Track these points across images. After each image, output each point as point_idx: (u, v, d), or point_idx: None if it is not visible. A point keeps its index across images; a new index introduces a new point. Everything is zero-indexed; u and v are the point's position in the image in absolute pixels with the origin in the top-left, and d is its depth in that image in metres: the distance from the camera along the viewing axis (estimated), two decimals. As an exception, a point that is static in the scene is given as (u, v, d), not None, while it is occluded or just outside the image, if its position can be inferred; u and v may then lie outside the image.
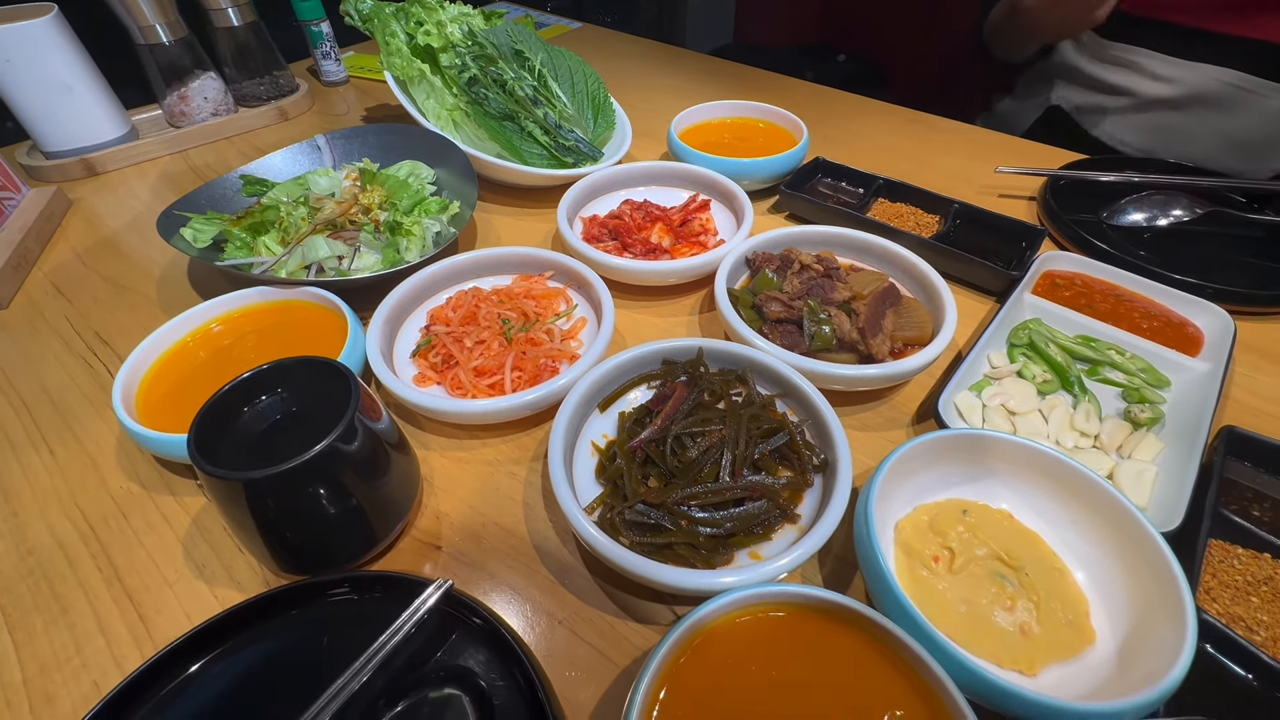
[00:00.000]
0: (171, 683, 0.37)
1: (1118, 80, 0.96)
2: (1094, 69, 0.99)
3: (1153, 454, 0.50)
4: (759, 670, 0.34)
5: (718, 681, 0.34)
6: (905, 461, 0.44)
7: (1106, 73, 0.97)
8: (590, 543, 0.40)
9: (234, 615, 0.39)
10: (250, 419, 0.42)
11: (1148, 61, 0.92)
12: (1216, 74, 0.87)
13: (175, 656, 0.38)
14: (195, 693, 0.37)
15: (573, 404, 0.49)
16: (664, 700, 0.33)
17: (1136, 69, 0.93)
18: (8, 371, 0.61)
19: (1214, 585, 0.41)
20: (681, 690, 0.33)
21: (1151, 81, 0.92)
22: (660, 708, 0.33)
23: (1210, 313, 0.60)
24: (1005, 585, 0.40)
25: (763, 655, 0.35)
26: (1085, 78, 1.00)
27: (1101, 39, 0.96)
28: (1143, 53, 0.92)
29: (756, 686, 0.34)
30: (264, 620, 0.40)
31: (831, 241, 0.67)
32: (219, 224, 0.66)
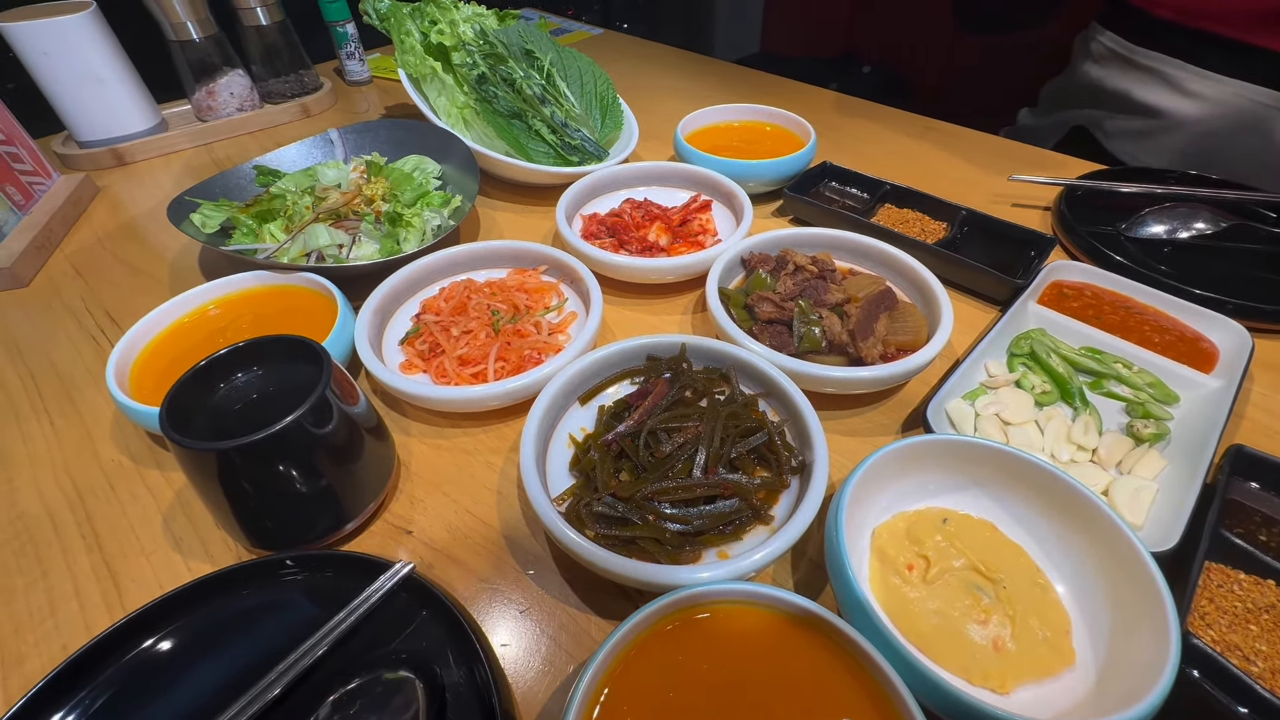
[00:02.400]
0: (135, 649, 0.38)
1: (1146, 96, 0.90)
2: (1122, 82, 0.93)
3: (1154, 471, 0.47)
4: (710, 670, 0.33)
5: (666, 680, 0.33)
6: (884, 465, 0.42)
7: (1135, 86, 0.92)
8: (553, 531, 0.40)
9: (200, 586, 0.39)
10: (226, 395, 0.43)
11: (1180, 74, 0.87)
12: (1251, 92, 0.83)
13: (140, 624, 0.38)
14: (157, 660, 0.38)
15: (551, 394, 0.49)
16: (607, 697, 0.32)
17: (1168, 82, 0.88)
18: (20, 345, 0.63)
19: (1210, 611, 0.39)
20: (628, 686, 0.33)
21: (1182, 98, 0.87)
22: (603, 705, 0.32)
23: (1227, 328, 0.57)
24: (981, 598, 0.39)
25: (716, 655, 0.34)
26: (1111, 95, 0.95)
27: (1132, 45, 0.92)
28: (1175, 63, 0.87)
29: (705, 686, 0.33)
30: (230, 593, 0.40)
31: (829, 244, 0.66)
32: (227, 210, 0.68)
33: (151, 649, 0.38)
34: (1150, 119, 0.91)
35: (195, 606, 0.39)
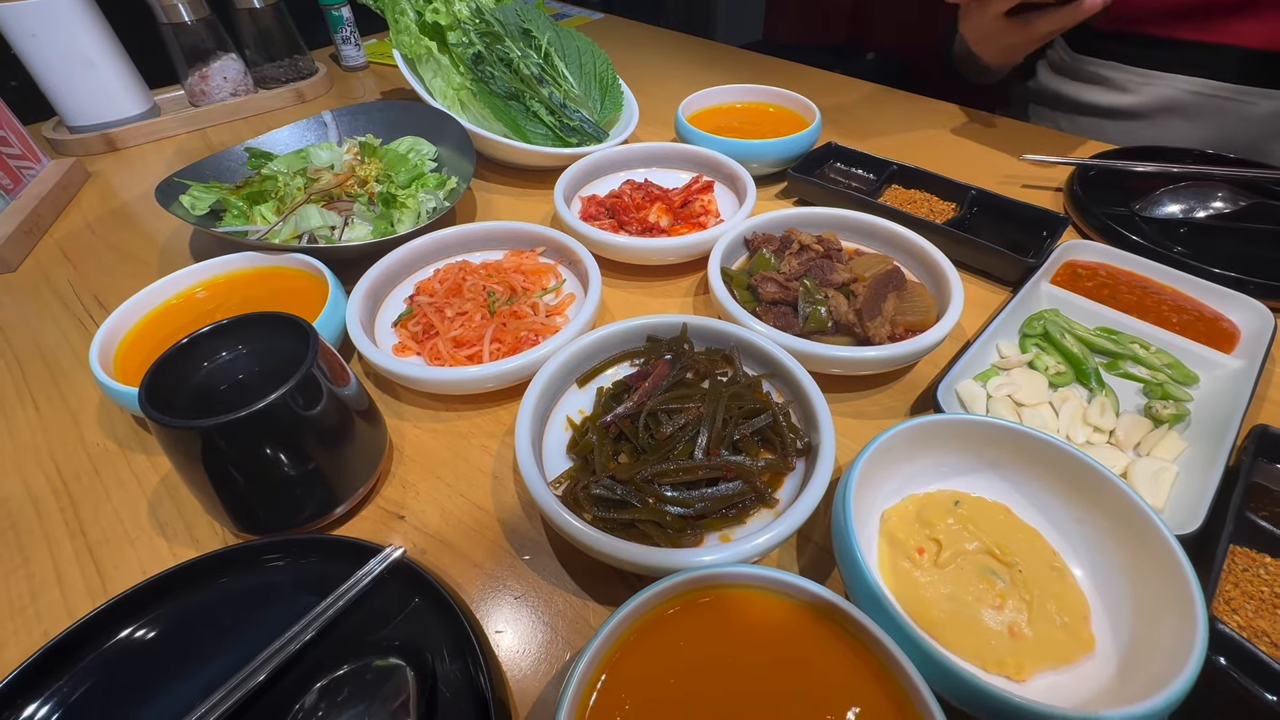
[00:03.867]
0: (116, 636, 0.37)
1: (1093, 98, 0.95)
2: (1069, 89, 0.98)
3: (1174, 453, 0.46)
4: (712, 657, 0.32)
5: (666, 666, 0.31)
6: (893, 446, 0.41)
7: (1083, 90, 0.96)
8: (549, 514, 0.38)
9: (184, 571, 0.38)
10: (210, 374, 0.41)
11: (1118, 75, 0.91)
12: (1184, 83, 0.87)
13: (122, 610, 0.37)
14: (139, 647, 0.36)
15: (547, 375, 0.47)
16: (605, 683, 0.30)
17: (1108, 84, 0.93)
18: (6, 330, 0.62)
19: (1235, 596, 0.37)
20: (626, 672, 0.31)
21: (1123, 95, 0.91)
22: (600, 691, 0.30)
23: (1248, 308, 0.55)
24: (995, 582, 0.37)
25: (718, 641, 0.32)
26: (1065, 99, 0.99)
27: (1075, 54, 0.96)
28: (1113, 66, 0.91)
29: (707, 673, 0.31)
30: (215, 579, 0.39)
31: (835, 224, 0.64)
32: (217, 192, 0.67)
33: (134, 635, 0.36)
34: (1101, 118, 0.96)
35: (179, 592, 0.38)
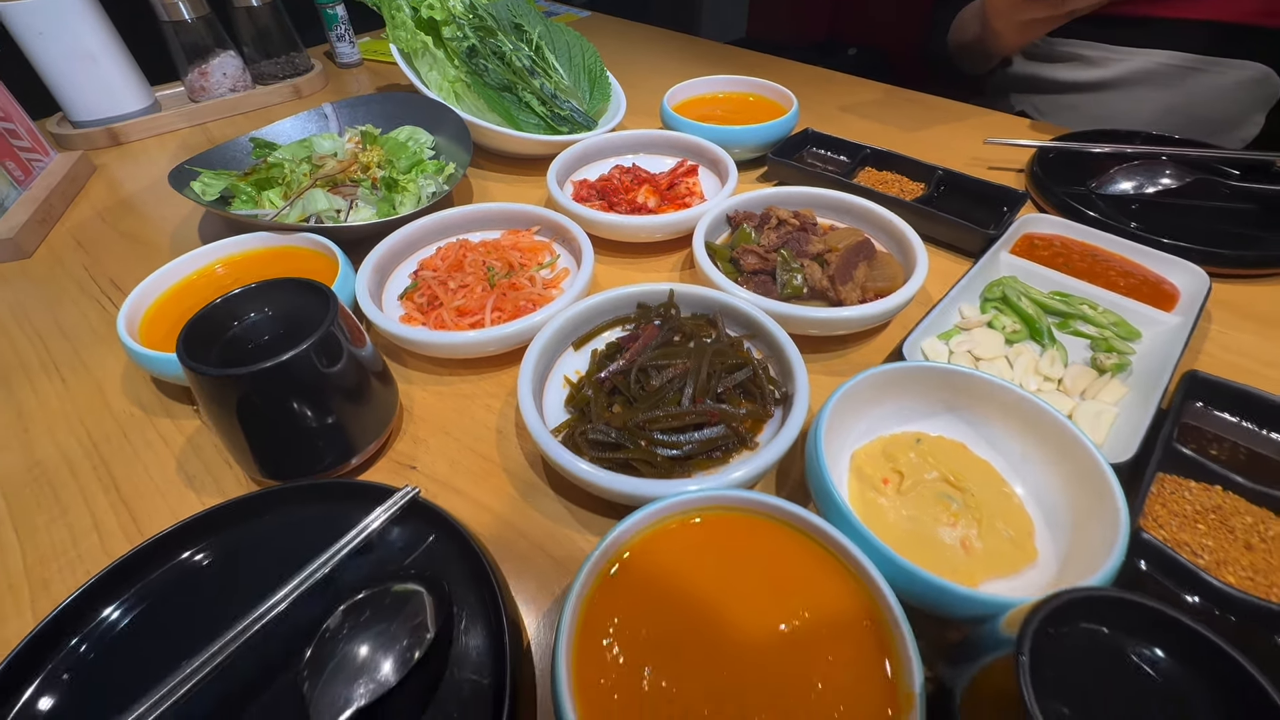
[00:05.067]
0: (155, 571, 0.40)
1: (1066, 75, 1.01)
2: (1045, 70, 1.04)
3: (1115, 398, 0.50)
4: (701, 569, 0.36)
5: (659, 577, 0.35)
6: (861, 391, 0.45)
7: (1058, 71, 1.02)
8: (549, 453, 0.42)
9: (215, 514, 0.42)
10: (239, 333, 0.45)
11: (1091, 52, 0.97)
12: (1155, 56, 0.93)
13: (159, 548, 0.40)
14: (177, 580, 0.40)
15: (545, 337, 0.51)
16: (601, 593, 0.34)
17: (1082, 60, 0.99)
18: (28, 310, 0.65)
19: (1162, 514, 0.42)
20: (623, 583, 0.35)
21: (1095, 69, 0.98)
22: (597, 600, 0.34)
23: (1188, 271, 0.60)
24: (950, 504, 0.41)
25: (706, 555, 0.36)
26: (1041, 81, 1.06)
27: (1049, 36, 1.01)
28: (1087, 44, 0.97)
29: (697, 583, 0.35)
30: (244, 520, 0.43)
31: (812, 201, 0.69)
32: (226, 179, 0.70)
33: (178, 566, 0.40)
34: (1076, 93, 1.02)
35: (216, 530, 0.42)
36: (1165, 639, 0.26)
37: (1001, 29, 0.96)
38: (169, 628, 0.38)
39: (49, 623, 0.36)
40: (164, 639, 0.38)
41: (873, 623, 0.33)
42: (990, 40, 1.00)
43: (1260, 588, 0.38)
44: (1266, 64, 0.92)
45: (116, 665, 0.36)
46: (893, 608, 0.32)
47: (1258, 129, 0.99)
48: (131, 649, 0.37)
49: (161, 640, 0.37)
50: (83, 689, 0.35)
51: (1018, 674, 0.24)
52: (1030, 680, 0.24)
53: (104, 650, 0.37)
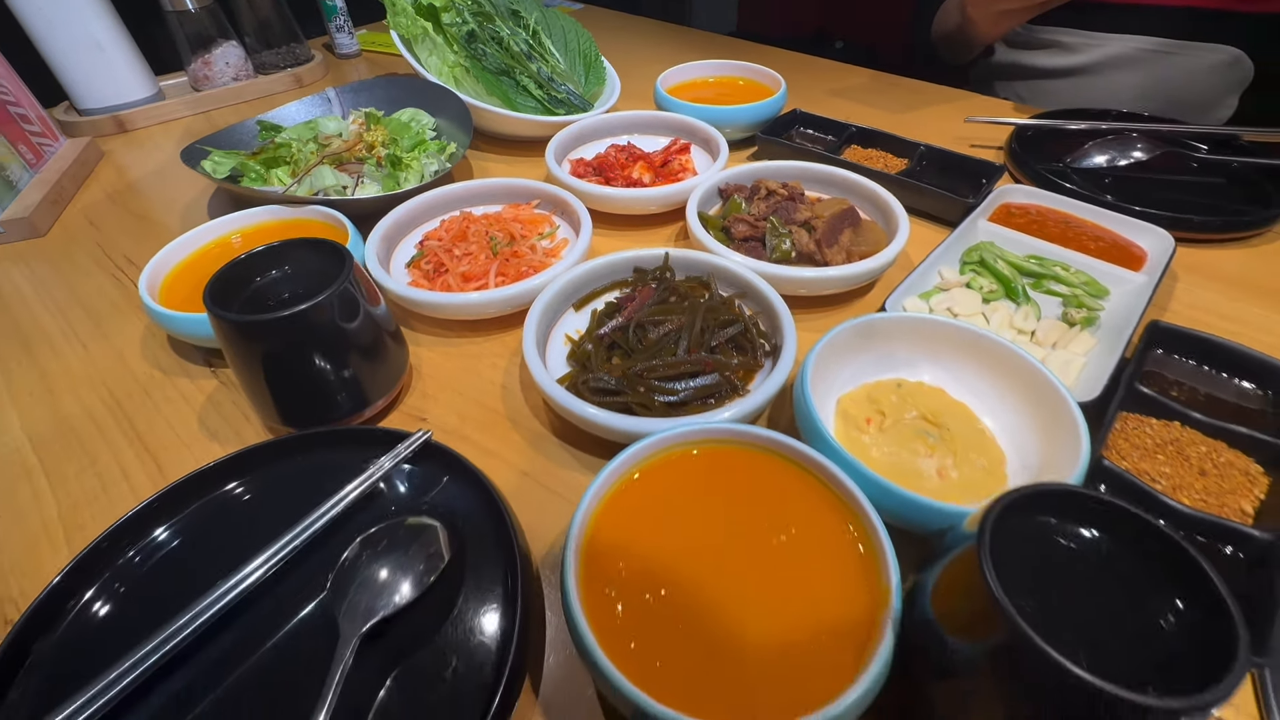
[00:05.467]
0: (191, 505, 0.43)
1: (1046, 62, 1.05)
2: (1026, 58, 1.08)
3: (1084, 348, 0.54)
4: (697, 495, 0.39)
5: (659, 501, 0.38)
6: (847, 340, 0.48)
7: (1035, 58, 1.06)
8: (552, 396, 0.45)
9: (243, 456, 0.44)
10: (260, 288, 0.48)
11: (1070, 39, 1.01)
12: (1131, 41, 0.97)
13: (196, 483, 0.43)
14: (211, 514, 0.43)
15: (547, 298, 0.54)
16: (605, 515, 0.37)
17: (1061, 47, 1.03)
18: (46, 285, 0.68)
19: (1124, 447, 0.45)
20: (625, 506, 0.38)
21: (1075, 55, 1.02)
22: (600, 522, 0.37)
23: (1155, 235, 0.64)
24: (928, 438, 0.45)
25: (702, 482, 0.39)
26: (1023, 69, 1.09)
27: (1029, 25, 1.05)
28: (1066, 31, 1.01)
29: (694, 506, 0.38)
30: (269, 462, 0.45)
31: (799, 174, 0.72)
32: (236, 158, 0.72)
33: (206, 504, 0.43)
34: (1057, 78, 1.06)
35: (241, 472, 0.44)
36: (1101, 522, 0.30)
37: (979, 18, 0.99)
38: (204, 556, 0.40)
39: (98, 544, 0.39)
40: (201, 565, 0.40)
41: (855, 532, 0.36)
42: (969, 29, 1.04)
43: (1213, 507, 0.41)
44: (1238, 47, 0.95)
45: (162, 583, 0.39)
46: (871, 517, 0.35)
47: (1231, 110, 1.03)
48: (173, 571, 0.40)
49: (199, 566, 0.40)
50: (130, 604, 0.38)
51: (978, 553, 0.27)
52: (989, 556, 0.27)
53: (149, 571, 0.40)
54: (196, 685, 0.34)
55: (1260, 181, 0.74)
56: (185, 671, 0.35)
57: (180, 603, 0.35)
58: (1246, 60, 0.96)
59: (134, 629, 0.34)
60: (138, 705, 0.33)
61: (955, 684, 0.30)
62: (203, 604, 0.36)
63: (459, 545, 0.41)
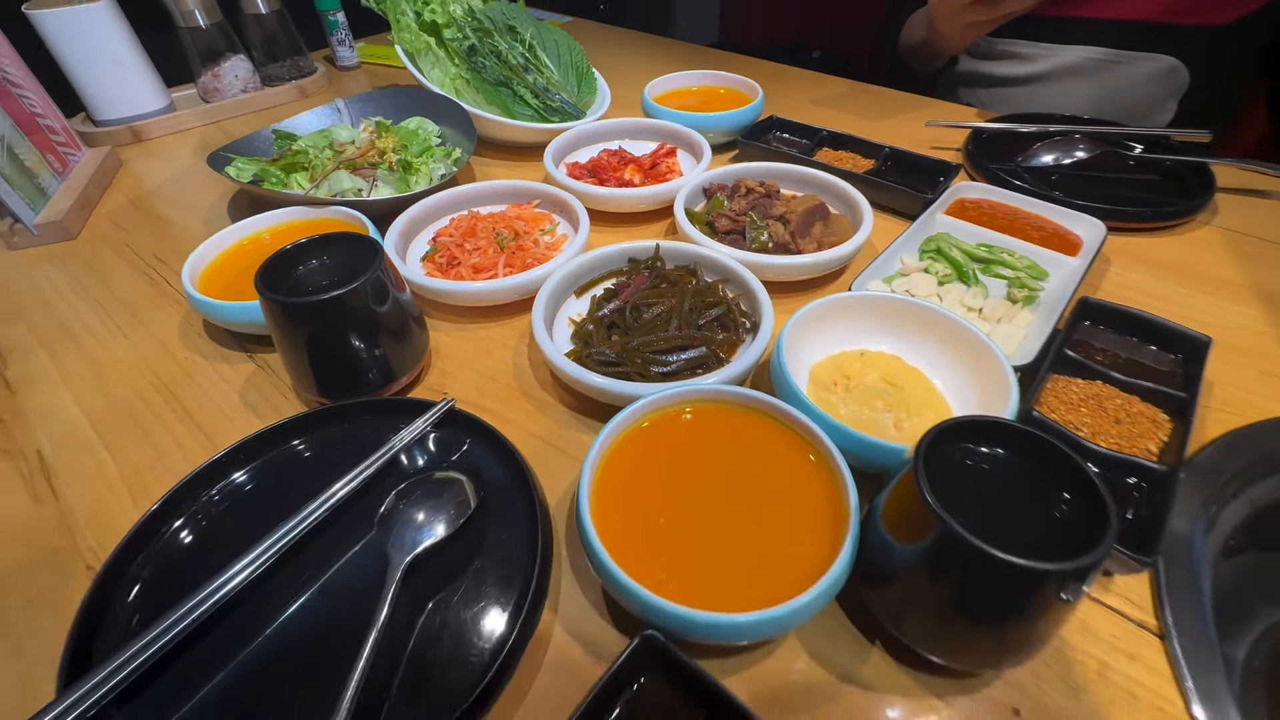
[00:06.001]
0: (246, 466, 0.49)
1: (1005, 71, 1.14)
2: (986, 67, 1.17)
3: (1025, 323, 0.61)
4: (688, 444, 0.45)
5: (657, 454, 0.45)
6: (817, 316, 0.55)
7: (996, 67, 1.15)
8: (559, 366, 0.52)
9: (280, 428, 0.50)
10: (300, 277, 0.54)
11: (1026, 49, 1.10)
12: (1080, 51, 1.06)
13: (249, 446, 0.49)
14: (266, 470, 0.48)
15: (553, 283, 0.60)
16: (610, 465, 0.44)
17: (1018, 57, 1.12)
18: (83, 281, 0.73)
19: (1053, 402, 0.53)
20: (628, 457, 0.44)
21: (1029, 64, 1.11)
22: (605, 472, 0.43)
23: (1090, 224, 0.72)
24: (886, 397, 0.52)
25: (695, 437, 0.46)
26: (983, 77, 1.18)
27: (990, 37, 1.14)
28: (1022, 43, 1.10)
29: (685, 452, 0.45)
30: (305, 432, 0.51)
31: (775, 174, 0.79)
32: (257, 164, 0.78)
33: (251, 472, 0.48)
34: (1014, 86, 1.14)
35: (279, 443, 0.50)
36: (1009, 443, 0.37)
37: (945, 31, 1.08)
38: (270, 499, 0.46)
39: (179, 487, 0.45)
40: (268, 506, 0.45)
41: (822, 470, 0.43)
42: (935, 42, 1.12)
43: (1125, 448, 0.49)
44: (1175, 57, 1.05)
45: (237, 519, 0.45)
46: (835, 457, 0.42)
47: (1171, 114, 1.12)
48: (244, 510, 0.46)
49: (266, 506, 0.45)
50: (209, 539, 0.44)
51: (915, 469, 0.34)
52: (923, 471, 0.34)
53: (225, 509, 0.46)
54: (273, 602, 0.41)
55: (1186, 177, 0.83)
56: (263, 591, 0.41)
57: (253, 536, 0.42)
58: (1183, 68, 1.06)
59: (216, 556, 0.40)
60: (226, 618, 0.39)
61: (900, 579, 0.37)
62: (275, 535, 0.42)
63: (484, 494, 0.47)
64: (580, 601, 0.43)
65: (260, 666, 0.38)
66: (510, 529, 0.45)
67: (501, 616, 0.40)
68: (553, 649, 0.41)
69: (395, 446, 0.48)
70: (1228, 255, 0.73)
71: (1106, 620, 0.41)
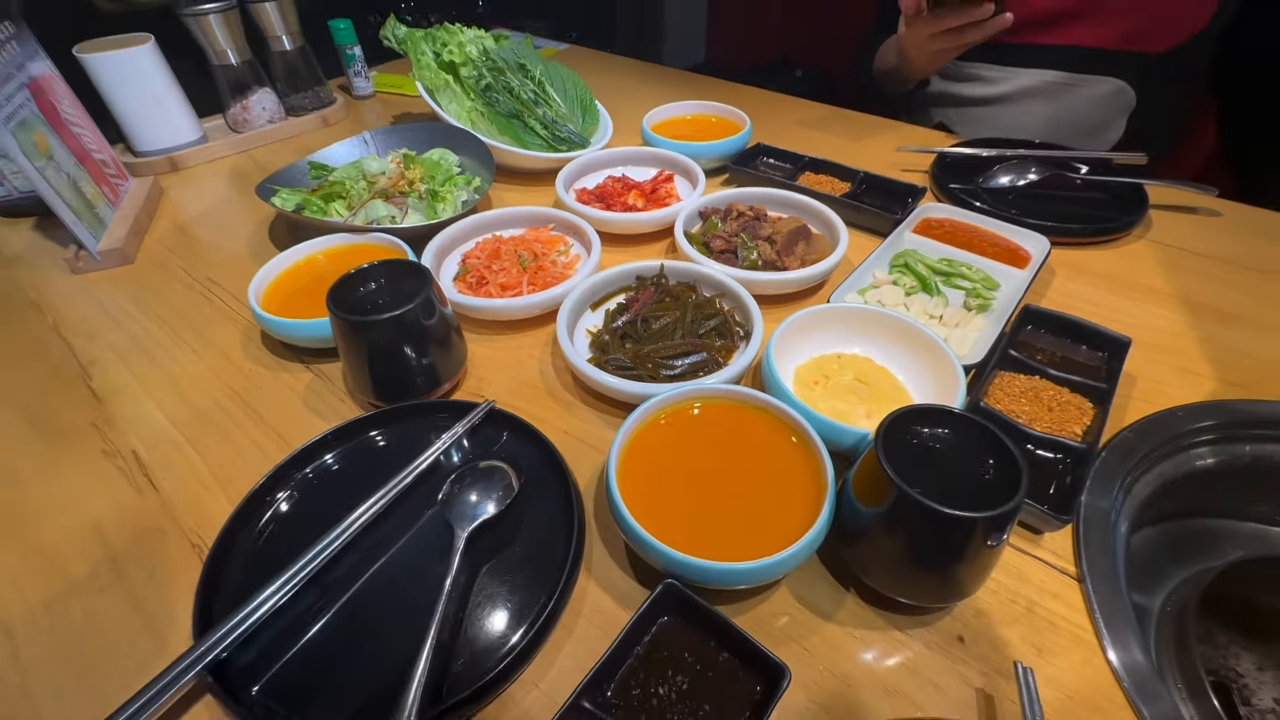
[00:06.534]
0: (310, 465, 0.57)
1: (971, 92, 1.26)
2: (955, 88, 1.29)
3: (979, 328, 0.71)
4: (696, 432, 0.55)
5: (669, 438, 0.54)
6: (801, 325, 0.65)
7: (962, 89, 1.27)
8: (582, 370, 0.61)
9: (347, 427, 0.59)
10: (361, 297, 0.63)
11: (989, 72, 1.22)
12: (1039, 75, 1.17)
13: (310, 452, 0.57)
14: (328, 468, 0.57)
15: (571, 300, 0.70)
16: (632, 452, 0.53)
17: (983, 79, 1.23)
18: (147, 302, 0.81)
19: (998, 394, 0.62)
20: (646, 446, 0.54)
21: (992, 86, 1.23)
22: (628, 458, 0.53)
23: (1036, 240, 0.82)
24: (859, 392, 0.61)
25: (701, 428, 0.55)
26: (951, 98, 1.30)
27: (958, 60, 1.25)
28: (985, 66, 1.21)
29: (694, 439, 0.54)
30: (368, 430, 0.60)
31: (763, 199, 0.89)
32: (300, 194, 0.87)
33: (323, 465, 0.57)
34: (980, 106, 1.26)
35: (352, 436, 0.59)
36: (949, 425, 0.47)
37: (914, 57, 1.19)
38: (350, 481, 0.56)
39: (277, 470, 0.54)
40: (348, 487, 0.54)
41: (804, 451, 0.52)
42: (906, 67, 1.23)
43: (1055, 431, 0.58)
44: (1121, 79, 1.16)
45: (313, 504, 0.54)
46: (816, 441, 0.51)
47: (1120, 132, 1.24)
48: (328, 491, 0.55)
49: (346, 487, 0.54)
50: (298, 516, 0.53)
51: (876, 447, 0.44)
52: (882, 447, 0.44)
53: (306, 495, 0.55)
54: (359, 567, 0.50)
55: (1125, 195, 0.94)
56: (348, 559, 0.50)
57: (332, 514, 0.51)
58: (1129, 90, 1.17)
59: (305, 530, 0.50)
60: (323, 577, 0.48)
61: (867, 535, 0.46)
62: (357, 512, 0.51)
63: (524, 480, 0.56)
64: (609, 563, 0.52)
65: (354, 612, 0.48)
66: (548, 506, 0.54)
67: (547, 574, 0.49)
68: (589, 600, 0.50)
69: (449, 440, 0.57)
70: (1157, 266, 0.84)
71: (1036, 569, 0.51)
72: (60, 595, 0.50)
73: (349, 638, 0.47)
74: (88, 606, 0.50)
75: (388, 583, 0.50)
